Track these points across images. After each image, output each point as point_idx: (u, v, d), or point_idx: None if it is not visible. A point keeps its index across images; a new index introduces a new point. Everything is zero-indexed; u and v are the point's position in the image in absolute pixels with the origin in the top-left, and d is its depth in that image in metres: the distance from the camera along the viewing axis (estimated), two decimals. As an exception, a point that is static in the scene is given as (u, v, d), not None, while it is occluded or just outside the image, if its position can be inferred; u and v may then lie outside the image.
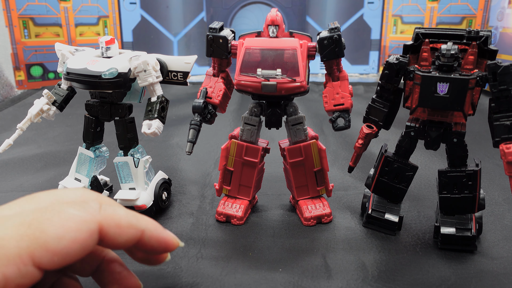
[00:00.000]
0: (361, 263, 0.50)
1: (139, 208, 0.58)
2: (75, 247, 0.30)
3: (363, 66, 1.67)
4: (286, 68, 0.54)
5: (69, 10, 1.50)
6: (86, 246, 0.30)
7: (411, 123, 0.54)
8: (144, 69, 0.55)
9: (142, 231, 0.34)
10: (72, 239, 0.29)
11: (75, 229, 0.30)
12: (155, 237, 0.35)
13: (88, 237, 0.30)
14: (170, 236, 0.36)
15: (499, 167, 0.78)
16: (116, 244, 0.33)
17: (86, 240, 0.30)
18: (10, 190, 0.70)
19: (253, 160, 0.59)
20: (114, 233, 0.32)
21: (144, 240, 0.34)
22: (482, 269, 0.49)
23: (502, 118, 0.49)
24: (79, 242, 0.30)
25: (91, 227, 0.31)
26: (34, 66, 1.48)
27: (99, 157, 0.65)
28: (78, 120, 1.06)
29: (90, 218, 0.31)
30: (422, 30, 0.51)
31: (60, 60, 0.60)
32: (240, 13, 1.63)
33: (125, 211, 0.34)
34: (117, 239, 0.32)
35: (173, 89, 0.71)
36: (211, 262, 0.50)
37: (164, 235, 0.36)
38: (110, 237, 0.32)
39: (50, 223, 0.29)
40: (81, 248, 0.30)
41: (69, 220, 0.30)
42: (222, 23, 0.58)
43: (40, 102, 0.60)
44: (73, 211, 0.31)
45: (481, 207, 0.53)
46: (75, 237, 0.30)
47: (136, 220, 0.34)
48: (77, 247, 0.30)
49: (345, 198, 0.67)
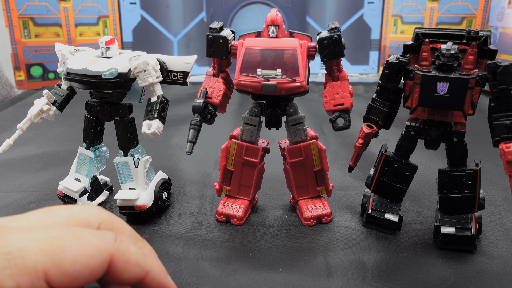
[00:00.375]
0: (361, 262, 0.50)
1: (139, 208, 0.58)
2: (85, 272, 0.30)
3: (363, 66, 1.67)
4: (286, 68, 0.54)
5: (69, 10, 1.50)
6: (95, 273, 0.31)
7: (411, 122, 0.54)
8: (144, 69, 0.55)
9: (147, 272, 0.35)
10: (84, 264, 0.30)
11: (90, 255, 0.31)
12: (157, 280, 0.36)
13: (99, 266, 0.31)
14: (170, 283, 0.37)
15: (499, 167, 0.78)
16: (120, 279, 0.33)
17: (96, 268, 0.31)
18: (10, 190, 0.70)
19: (253, 160, 0.59)
20: (121, 268, 0.33)
21: (146, 281, 0.35)
22: (482, 268, 0.49)
23: (502, 117, 0.49)
24: (90, 269, 0.31)
25: (104, 257, 0.32)
26: (34, 66, 1.48)
27: (99, 157, 0.65)
28: (78, 120, 1.06)
29: (105, 248, 0.32)
30: (422, 30, 0.51)
31: (60, 60, 0.60)
32: (240, 13, 1.63)
33: (136, 249, 0.35)
34: (123, 275, 0.33)
35: (173, 89, 0.71)
36: (211, 263, 0.50)
37: (165, 281, 0.37)
38: (117, 271, 0.33)
39: (69, 245, 0.30)
40: (90, 274, 0.31)
41: (86, 245, 0.31)
42: (222, 23, 0.58)
43: (40, 102, 0.60)
44: (92, 237, 0.32)
45: (481, 207, 0.53)
46: (87, 262, 0.30)
47: (144, 260, 0.35)
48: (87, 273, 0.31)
49: (345, 198, 0.67)
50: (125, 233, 0.37)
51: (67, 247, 0.30)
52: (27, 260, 0.28)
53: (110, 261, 0.32)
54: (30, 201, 0.66)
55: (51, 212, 0.35)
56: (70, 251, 0.30)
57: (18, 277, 0.28)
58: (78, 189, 0.62)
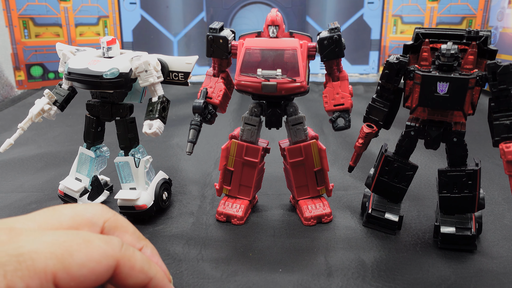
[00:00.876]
0: (361, 262, 0.50)
1: (139, 208, 0.58)
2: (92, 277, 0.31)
3: (363, 66, 1.67)
4: (286, 68, 0.54)
5: (69, 10, 1.50)
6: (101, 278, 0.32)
7: (411, 122, 0.54)
8: (145, 69, 0.56)
9: (151, 279, 0.35)
10: (91, 269, 0.31)
11: (97, 260, 0.31)
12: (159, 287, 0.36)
13: (105, 271, 0.32)
14: None
15: (499, 166, 0.78)
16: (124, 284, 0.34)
17: (103, 273, 0.32)
18: (11, 191, 0.70)
19: (253, 160, 0.60)
20: (126, 274, 0.33)
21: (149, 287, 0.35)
22: (481, 268, 0.49)
23: (502, 117, 0.49)
24: (96, 273, 0.31)
25: (110, 263, 0.32)
26: (34, 66, 1.48)
27: (99, 157, 0.65)
28: (78, 120, 1.06)
29: (112, 254, 0.33)
30: (422, 30, 0.51)
31: (61, 60, 0.60)
32: (240, 13, 1.63)
33: (141, 256, 0.35)
34: (127, 280, 0.34)
35: (173, 89, 0.71)
36: (212, 264, 0.50)
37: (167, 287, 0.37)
38: (122, 277, 0.33)
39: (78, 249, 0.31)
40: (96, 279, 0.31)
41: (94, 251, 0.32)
42: (222, 23, 0.58)
43: (41, 102, 0.60)
44: (100, 242, 0.32)
45: (481, 207, 0.53)
46: (94, 267, 0.31)
47: (148, 267, 0.35)
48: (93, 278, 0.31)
49: (345, 198, 0.67)
50: (128, 231, 0.38)
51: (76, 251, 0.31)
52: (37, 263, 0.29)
53: (116, 266, 0.33)
54: (31, 202, 0.66)
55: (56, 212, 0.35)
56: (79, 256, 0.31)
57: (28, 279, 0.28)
58: (78, 188, 0.62)
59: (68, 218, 0.35)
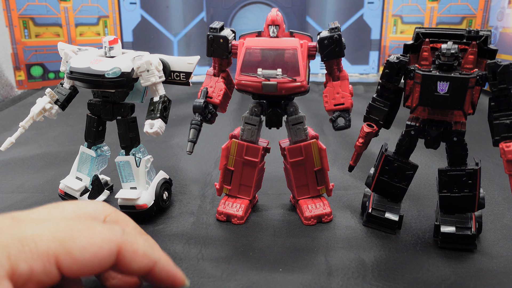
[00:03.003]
0: (361, 261, 0.50)
1: (140, 208, 0.58)
2: (94, 261, 0.32)
3: (363, 66, 1.67)
4: (287, 68, 0.54)
5: (69, 10, 1.51)
6: (104, 263, 0.33)
7: (412, 122, 0.54)
8: (147, 69, 0.56)
9: (155, 262, 0.36)
10: (93, 253, 0.32)
11: (98, 245, 0.32)
12: (165, 270, 0.37)
13: (107, 256, 0.33)
14: (179, 273, 0.38)
15: (499, 166, 0.78)
16: (129, 270, 0.35)
17: (105, 257, 0.32)
18: (11, 191, 0.70)
19: (254, 159, 0.60)
20: (129, 259, 0.34)
21: (154, 271, 0.36)
22: (482, 268, 0.49)
23: (502, 117, 0.49)
24: (99, 258, 0.32)
25: (112, 247, 0.33)
26: (34, 66, 1.48)
27: (100, 156, 0.65)
28: (78, 119, 1.06)
29: (113, 239, 0.33)
30: (423, 30, 0.52)
31: (63, 59, 0.61)
32: (240, 13, 1.63)
33: (144, 241, 0.36)
34: (131, 265, 0.34)
35: (173, 89, 0.71)
36: (212, 263, 0.50)
37: (173, 271, 0.37)
38: (125, 262, 0.34)
39: (79, 234, 0.32)
40: (99, 263, 0.32)
41: (95, 236, 0.33)
42: (222, 23, 0.58)
43: (43, 101, 0.60)
44: (101, 228, 0.33)
45: (481, 206, 0.53)
46: (96, 252, 0.32)
47: (151, 251, 0.36)
48: (96, 262, 0.32)
49: (345, 198, 0.67)
50: (129, 227, 0.39)
51: (77, 236, 0.32)
52: (40, 245, 0.30)
53: (118, 252, 0.33)
54: (31, 203, 0.66)
55: (59, 207, 0.36)
56: (80, 240, 0.31)
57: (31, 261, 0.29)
58: (79, 188, 0.62)
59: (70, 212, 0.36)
